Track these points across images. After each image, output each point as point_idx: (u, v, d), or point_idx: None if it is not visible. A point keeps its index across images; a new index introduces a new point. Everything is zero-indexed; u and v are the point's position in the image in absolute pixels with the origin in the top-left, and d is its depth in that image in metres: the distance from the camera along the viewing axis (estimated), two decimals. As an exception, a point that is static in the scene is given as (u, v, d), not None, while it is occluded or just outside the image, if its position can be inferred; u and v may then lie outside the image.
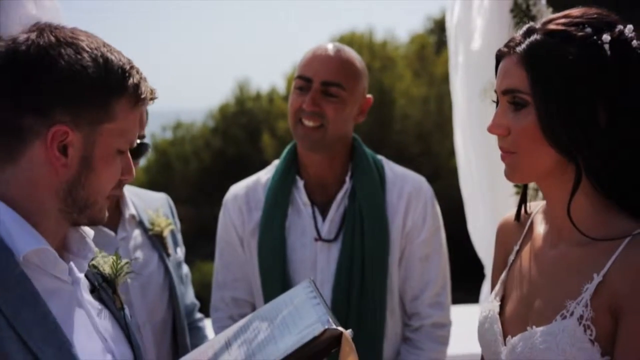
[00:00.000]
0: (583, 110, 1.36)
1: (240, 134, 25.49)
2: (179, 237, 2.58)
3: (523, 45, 1.42)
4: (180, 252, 2.56)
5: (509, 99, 1.44)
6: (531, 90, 1.39)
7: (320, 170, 2.40)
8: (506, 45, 1.47)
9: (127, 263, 1.54)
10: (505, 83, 1.44)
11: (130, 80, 1.34)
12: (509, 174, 1.49)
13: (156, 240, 2.42)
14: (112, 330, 1.41)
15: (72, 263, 1.37)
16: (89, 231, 1.44)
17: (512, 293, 1.56)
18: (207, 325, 2.67)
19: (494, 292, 1.62)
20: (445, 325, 2.40)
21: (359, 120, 2.42)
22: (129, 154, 1.40)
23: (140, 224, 2.42)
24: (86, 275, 1.43)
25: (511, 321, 1.52)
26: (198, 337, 2.58)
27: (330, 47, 2.36)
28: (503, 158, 1.48)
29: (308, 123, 2.30)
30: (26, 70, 1.27)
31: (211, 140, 25.29)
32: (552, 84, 1.37)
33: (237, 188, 2.51)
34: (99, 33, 1.41)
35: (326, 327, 1.39)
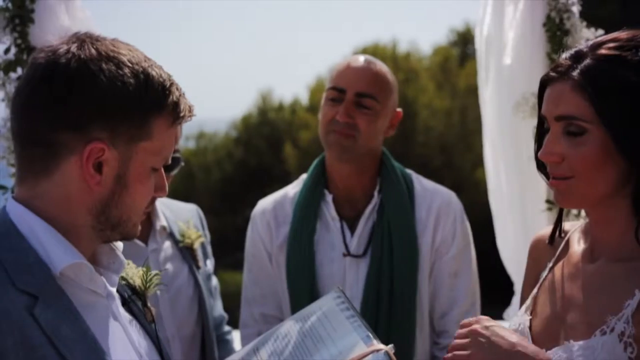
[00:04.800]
0: None
1: (262, 145, 25.56)
2: (209, 249, 2.58)
3: (576, 72, 1.40)
4: (210, 264, 2.56)
5: (564, 125, 1.42)
6: (597, 117, 1.38)
7: (348, 184, 2.38)
8: (554, 71, 1.45)
9: (156, 274, 1.52)
10: (560, 109, 1.42)
11: (170, 98, 1.28)
12: (563, 200, 1.48)
13: (186, 253, 2.42)
14: (145, 344, 1.39)
15: (102, 277, 1.35)
16: (118, 244, 1.41)
17: (543, 308, 1.55)
18: (235, 337, 2.66)
19: (524, 306, 1.61)
20: None
21: (389, 134, 2.40)
22: (162, 171, 1.37)
23: (171, 235, 2.42)
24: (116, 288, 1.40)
25: (541, 335, 1.51)
26: (226, 350, 2.56)
27: (363, 58, 2.35)
28: (556, 184, 1.46)
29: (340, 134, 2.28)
30: (66, 84, 1.22)
31: (233, 150, 25.38)
32: (618, 109, 1.37)
33: (265, 202, 2.50)
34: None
35: (373, 347, 1.38)
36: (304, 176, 2.50)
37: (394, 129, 2.40)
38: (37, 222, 1.26)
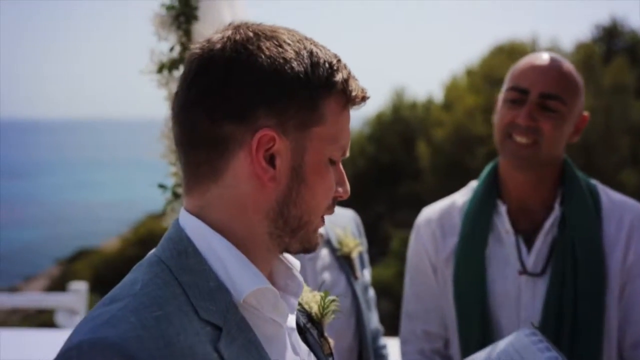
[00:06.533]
0: None
1: (395, 142, 25.43)
2: (366, 257, 2.44)
3: None
4: (368, 274, 2.42)
5: None
6: None
7: (525, 194, 2.15)
8: None
9: (334, 300, 1.35)
10: None
11: (339, 76, 1.12)
12: None
13: (344, 262, 2.29)
14: None
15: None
16: (294, 262, 1.25)
17: None
18: (391, 351, 2.51)
19: None
20: None
21: (573, 140, 2.15)
22: (341, 166, 1.19)
23: (328, 243, 2.30)
24: None
25: None
26: (381, 366, 2.42)
27: (548, 56, 2.12)
28: None
29: (520, 139, 2.06)
30: (223, 70, 1.09)
31: (366, 146, 25.40)
32: None
33: (430, 211, 2.31)
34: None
35: None
36: (473, 183, 2.29)
37: (579, 134, 2.15)
38: (215, 239, 1.11)
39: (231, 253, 1.11)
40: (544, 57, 2.12)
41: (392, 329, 2.53)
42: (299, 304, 1.30)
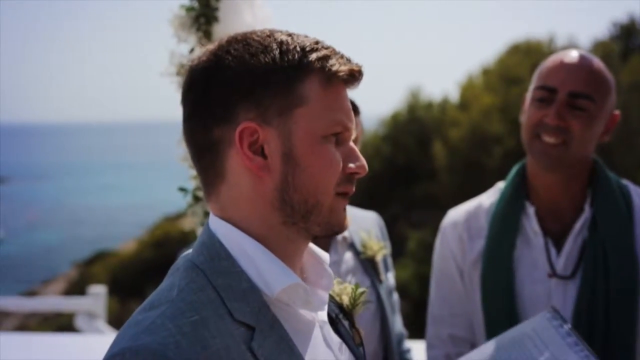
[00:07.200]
0: None
1: (410, 142, 25.35)
2: (390, 261, 2.40)
3: None
4: (392, 277, 2.38)
5: None
6: None
7: (553, 195, 2.10)
8: None
9: (364, 292, 1.38)
10: None
11: (312, 56, 1.14)
12: None
13: (368, 265, 2.25)
14: None
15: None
16: (324, 256, 1.27)
17: None
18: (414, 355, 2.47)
19: None
20: None
21: (604, 139, 2.11)
22: (351, 142, 1.20)
23: (352, 246, 2.27)
24: None
25: None
26: (405, 371, 2.38)
27: (577, 54, 2.08)
28: None
29: (549, 139, 2.01)
30: (200, 81, 1.16)
31: (381, 147, 25.34)
32: None
33: (456, 213, 2.27)
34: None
35: None
36: (500, 184, 2.25)
37: (609, 134, 2.10)
38: (245, 240, 1.15)
39: (260, 252, 1.15)
40: (572, 55, 2.07)
41: (408, 330, 2.50)
42: (330, 295, 1.33)
